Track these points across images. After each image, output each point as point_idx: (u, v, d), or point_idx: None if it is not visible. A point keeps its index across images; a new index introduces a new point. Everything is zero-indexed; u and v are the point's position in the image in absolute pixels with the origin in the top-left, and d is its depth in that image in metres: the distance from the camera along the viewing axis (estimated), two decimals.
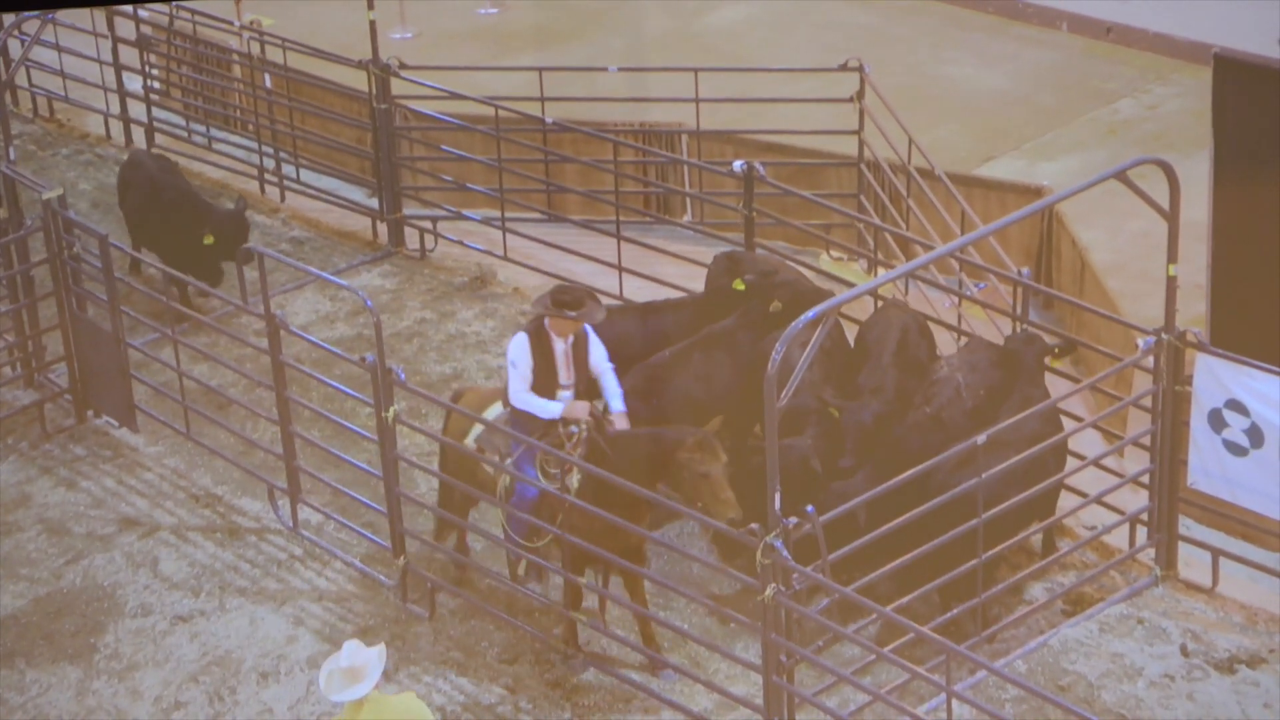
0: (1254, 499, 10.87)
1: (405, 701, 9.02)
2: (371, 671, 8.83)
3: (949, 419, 11.42)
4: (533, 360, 10.83)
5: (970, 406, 11.50)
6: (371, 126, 15.67)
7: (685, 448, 10.40)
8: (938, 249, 11.28)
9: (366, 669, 8.83)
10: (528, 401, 10.84)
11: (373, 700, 8.87)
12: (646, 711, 10.71)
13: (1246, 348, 11.03)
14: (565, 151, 15.46)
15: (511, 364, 10.84)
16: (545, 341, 10.89)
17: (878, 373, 11.86)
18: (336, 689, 8.85)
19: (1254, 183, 12.00)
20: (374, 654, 8.89)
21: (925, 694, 10.46)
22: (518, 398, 10.85)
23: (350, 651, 8.88)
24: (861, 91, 14.53)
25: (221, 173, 17.14)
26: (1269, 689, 10.52)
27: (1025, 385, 11.44)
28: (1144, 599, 11.32)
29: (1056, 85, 16.97)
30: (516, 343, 10.88)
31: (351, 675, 8.83)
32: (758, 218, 14.05)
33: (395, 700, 9.03)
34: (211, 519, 12.62)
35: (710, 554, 11.64)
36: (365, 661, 8.84)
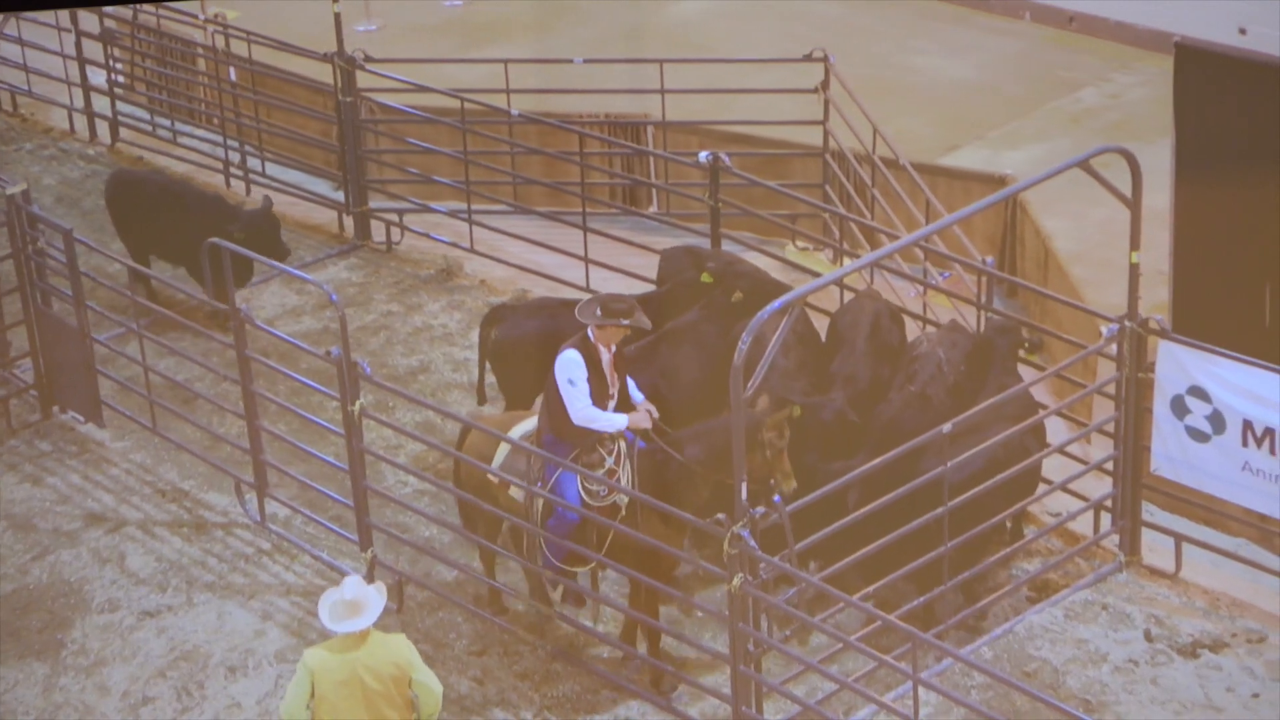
0: (1216, 484, 10.95)
1: (400, 641, 9.20)
2: (374, 605, 9.04)
3: (934, 395, 11.45)
4: (588, 374, 10.54)
5: (952, 382, 11.52)
6: (337, 119, 15.65)
7: (766, 428, 10.29)
8: (903, 238, 11.34)
9: (369, 603, 9.04)
10: (593, 418, 10.46)
11: (373, 635, 9.06)
12: (615, 702, 10.74)
13: (1209, 334, 11.11)
14: (531, 143, 15.48)
15: (569, 383, 10.42)
16: (594, 353, 10.55)
17: (851, 360, 11.89)
18: (340, 620, 9.02)
19: (1215, 170, 12.08)
20: (374, 590, 9.11)
21: (892, 682, 10.51)
22: (582, 415, 10.45)
23: (353, 584, 9.10)
24: (826, 82, 14.58)
25: (186, 167, 17.09)
26: (1232, 673, 10.60)
27: (999, 374, 11.50)
28: (1108, 585, 11.39)
29: (1020, 75, 17.03)
30: (571, 361, 10.47)
31: (354, 608, 9.02)
32: (723, 208, 14.09)
33: (391, 639, 9.19)
34: (178, 514, 12.61)
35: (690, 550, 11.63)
36: (367, 595, 9.05)
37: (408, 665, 9.09)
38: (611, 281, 14.10)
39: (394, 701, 9.07)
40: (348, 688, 8.98)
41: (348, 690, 8.99)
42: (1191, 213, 12.22)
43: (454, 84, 15.24)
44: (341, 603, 9.05)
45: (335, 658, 9.02)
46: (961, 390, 11.50)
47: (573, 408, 10.47)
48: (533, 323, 12.42)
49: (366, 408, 11.35)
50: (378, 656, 9.03)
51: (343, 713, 9.00)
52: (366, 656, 9.01)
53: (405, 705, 9.11)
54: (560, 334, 12.17)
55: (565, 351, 10.54)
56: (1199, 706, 10.36)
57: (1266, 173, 11.85)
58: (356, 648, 9.03)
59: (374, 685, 9.00)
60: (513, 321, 12.49)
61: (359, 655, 9.00)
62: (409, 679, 9.08)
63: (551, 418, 10.63)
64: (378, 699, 9.03)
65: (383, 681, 9.02)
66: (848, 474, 10.54)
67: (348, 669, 8.99)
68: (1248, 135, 11.88)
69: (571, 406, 10.47)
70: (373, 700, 9.02)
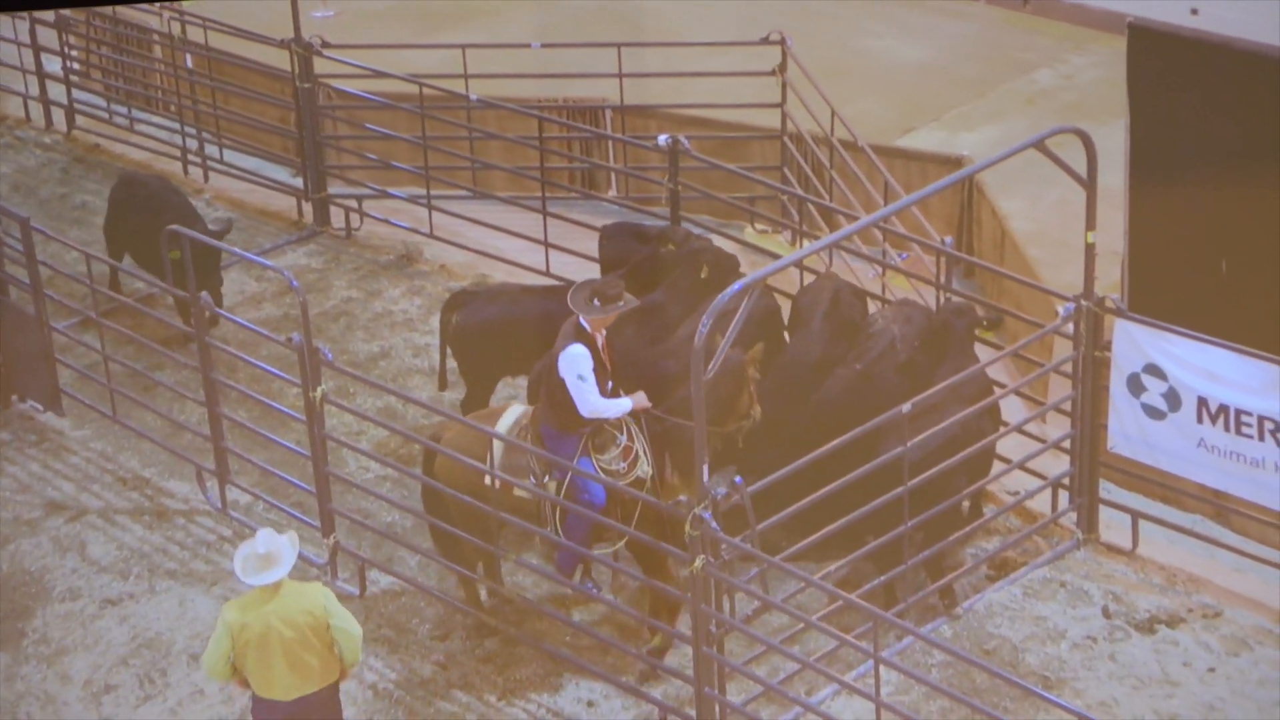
0: (1172, 461, 11.04)
1: (314, 589, 9.40)
2: (286, 557, 9.24)
3: (879, 373, 11.50)
4: (594, 365, 10.48)
5: (904, 359, 11.58)
6: (295, 106, 15.62)
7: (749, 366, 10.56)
8: (861, 220, 11.40)
9: (282, 555, 9.24)
10: (603, 409, 10.45)
11: (287, 585, 9.26)
12: (578, 684, 10.78)
13: (1164, 313, 11.18)
14: (490, 128, 15.48)
15: (579, 379, 10.37)
16: (594, 343, 10.53)
17: (806, 339, 11.94)
18: (253, 573, 9.21)
19: (1169, 150, 12.16)
20: (286, 542, 9.30)
21: (854, 661, 10.58)
22: (591, 408, 10.42)
23: (265, 537, 9.28)
24: (784, 65, 14.61)
25: (144, 154, 17.04)
26: (1188, 648, 10.71)
27: (957, 355, 11.57)
28: (1066, 562, 11.49)
29: (976, 56, 17.11)
30: (580, 356, 10.40)
31: (266, 560, 9.23)
32: (683, 191, 14.12)
33: (307, 587, 9.39)
34: (139, 501, 12.59)
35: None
36: (279, 547, 9.25)
37: (323, 612, 9.29)
38: (572, 265, 14.12)
39: (313, 648, 9.29)
40: (264, 639, 9.22)
41: (264, 642, 9.23)
42: (1146, 192, 12.29)
43: (412, 69, 15.22)
44: (254, 556, 9.25)
45: (251, 612, 9.25)
46: (916, 368, 11.56)
47: (583, 402, 10.45)
48: (493, 308, 12.43)
49: (328, 394, 11.35)
50: (290, 606, 9.25)
51: (263, 665, 9.25)
52: (279, 608, 9.23)
53: (326, 650, 9.34)
54: (521, 319, 12.20)
55: (571, 347, 10.46)
56: (1156, 681, 10.47)
57: (1220, 153, 11.94)
58: (270, 600, 9.24)
59: (289, 634, 9.23)
60: (473, 307, 12.50)
61: (272, 607, 9.23)
62: (327, 625, 9.28)
63: (556, 412, 10.57)
64: (295, 647, 9.25)
65: (298, 629, 9.24)
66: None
67: (263, 621, 9.22)
68: (1201, 115, 11.95)
69: (582, 401, 10.45)
70: (290, 649, 9.25)
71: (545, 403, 10.67)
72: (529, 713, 10.62)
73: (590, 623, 11.12)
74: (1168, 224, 12.21)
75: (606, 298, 10.51)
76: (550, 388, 10.60)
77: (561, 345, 10.54)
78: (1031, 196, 14.33)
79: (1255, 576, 11.20)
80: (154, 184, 14.89)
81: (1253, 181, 11.83)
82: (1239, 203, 11.93)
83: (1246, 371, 10.52)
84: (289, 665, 9.27)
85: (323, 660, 9.34)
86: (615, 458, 10.62)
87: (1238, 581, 11.22)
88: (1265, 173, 11.76)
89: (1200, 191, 12.09)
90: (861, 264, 13.63)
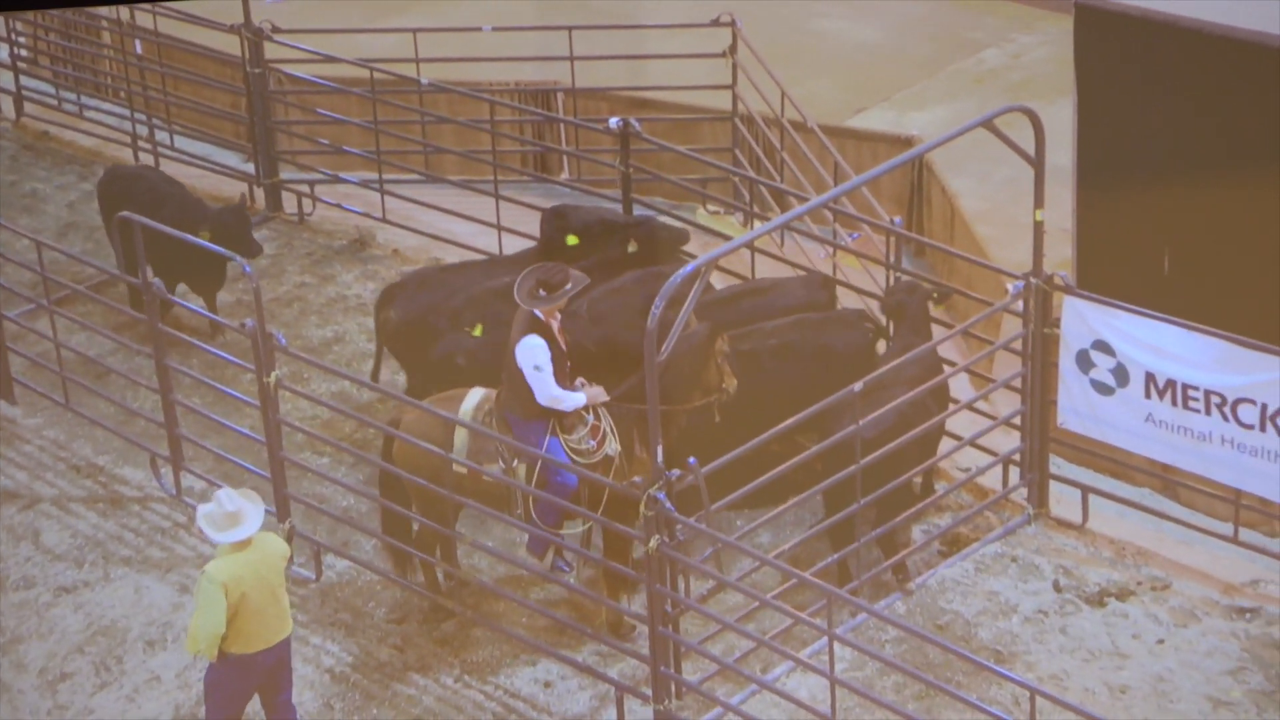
0: (1121, 436, 11.14)
1: (273, 537, 9.73)
2: (254, 513, 9.47)
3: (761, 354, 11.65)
4: (550, 354, 10.56)
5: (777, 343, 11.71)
6: (245, 91, 15.57)
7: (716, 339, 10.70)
8: (812, 200, 11.44)
9: (247, 511, 9.46)
10: (559, 398, 10.53)
11: (255, 539, 9.51)
12: (534, 665, 10.83)
13: (1111, 289, 11.29)
14: (441, 112, 15.47)
15: (536, 369, 10.45)
16: (548, 330, 10.59)
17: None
18: (224, 530, 9.44)
19: (1116, 128, 12.27)
20: (248, 499, 9.52)
21: (809, 638, 10.66)
22: (548, 397, 10.50)
23: (228, 496, 9.48)
24: (734, 46, 14.65)
25: (94, 141, 16.96)
26: (1137, 620, 10.82)
27: (908, 334, 11.64)
28: (1018, 537, 11.59)
29: (924, 36, 17.18)
30: (535, 347, 10.47)
31: (234, 518, 9.43)
32: (634, 173, 14.16)
33: (269, 538, 9.67)
34: (93, 489, 12.56)
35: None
36: (244, 504, 9.47)
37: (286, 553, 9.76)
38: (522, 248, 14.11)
39: (287, 590, 9.74)
40: (258, 588, 9.48)
41: (259, 590, 9.48)
42: (1093, 170, 12.42)
43: (363, 54, 15.20)
44: (222, 515, 9.43)
45: (239, 568, 9.45)
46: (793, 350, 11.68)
47: (540, 392, 10.54)
48: (425, 297, 12.50)
49: (282, 379, 11.35)
50: (268, 552, 9.57)
51: (258, 616, 9.50)
52: (261, 556, 9.53)
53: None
54: (453, 302, 12.27)
55: (526, 338, 10.51)
56: (1106, 654, 10.58)
57: (1167, 130, 12.06)
58: (249, 551, 9.49)
59: (275, 580, 9.57)
60: (405, 300, 12.53)
61: (255, 557, 9.49)
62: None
63: (518, 401, 10.64)
64: (280, 591, 9.61)
65: (279, 574, 9.60)
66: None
67: (253, 573, 9.47)
68: (1148, 93, 12.07)
69: (540, 391, 10.53)
70: (278, 595, 9.59)
71: (507, 390, 10.72)
72: (486, 694, 10.67)
73: (546, 604, 11.16)
74: (1115, 201, 12.34)
75: (551, 285, 10.56)
76: (510, 375, 10.66)
77: (517, 336, 10.58)
78: (981, 175, 14.43)
79: (1202, 549, 11.34)
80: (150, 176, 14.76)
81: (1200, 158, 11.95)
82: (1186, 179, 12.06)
83: (1193, 347, 10.62)
84: (272, 614, 9.56)
85: (286, 609, 9.73)
86: (584, 437, 10.69)
87: (1185, 554, 11.34)
88: (1212, 149, 11.89)
89: (1147, 169, 12.22)
90: (812, 244, 13.69)
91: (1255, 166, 11.67)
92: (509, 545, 11.63)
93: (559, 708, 10.55)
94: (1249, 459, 10.56)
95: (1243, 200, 11.71)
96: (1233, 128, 11.73)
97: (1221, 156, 11.85)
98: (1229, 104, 11.69)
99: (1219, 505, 11.38)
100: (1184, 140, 11.98)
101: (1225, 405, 10.57)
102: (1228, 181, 11.80)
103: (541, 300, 10.55)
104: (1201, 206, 11.95)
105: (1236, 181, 11.76)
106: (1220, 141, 11.85)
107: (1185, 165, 12.04)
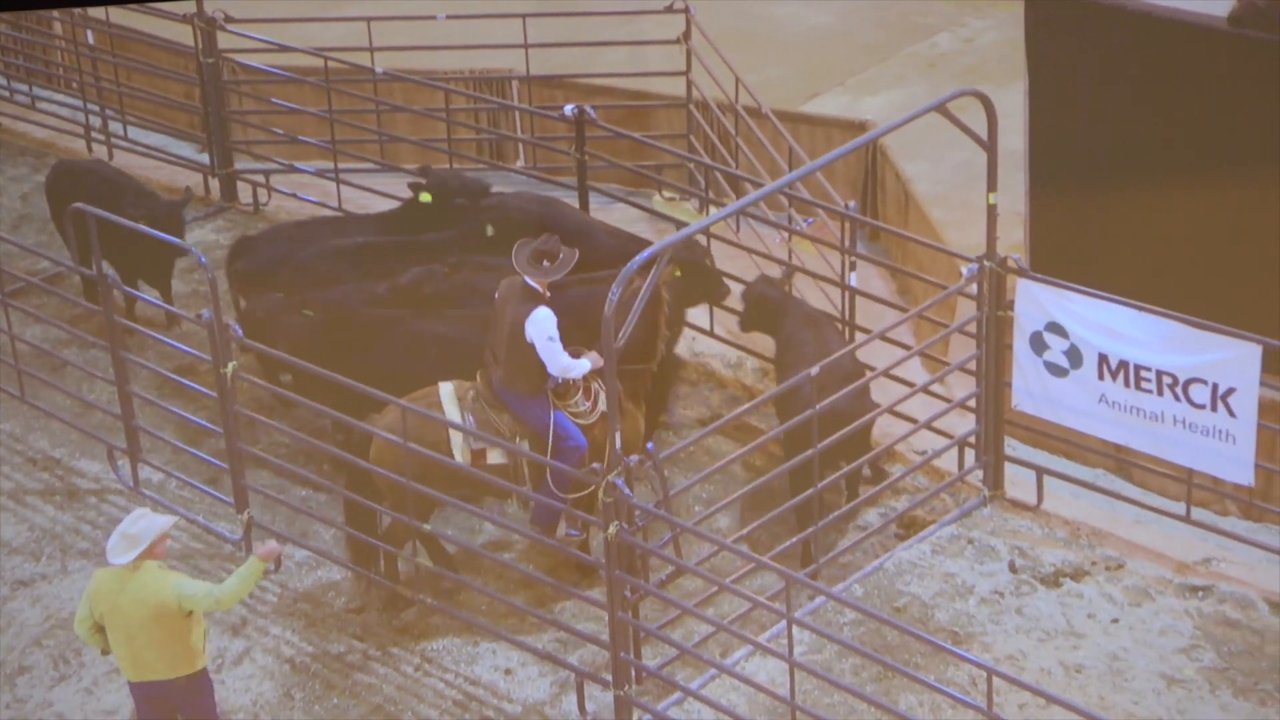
0: (1075, 417, 11.21)
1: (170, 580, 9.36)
2: (144, 540, 9.24)
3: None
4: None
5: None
6: (199, 81, 15.52)
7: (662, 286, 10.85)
8: (767, 186, 11.47)
9: (143, 537, 9.26)
10: (570, 367, 10.71)
11: (149, 570, 9.30)
12: (495, 653, 10.86)
13: (1064, 272, 11.36)
14: (396, 101, 15.46)
15: (549, 340, 10.56)
16: (550, 301, 10.74)
17: None
18: (115, 552, 9.29)
19: (1068, 111, 12.34)
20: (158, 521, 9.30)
21: (768, 622, 10.72)
22: (560, 367, 10.65)
23: (136, 518, 9.35)
24: (688, 32, 14.68)
25: (47, 133, 16.87)
26: (1092, 600, 10.91)
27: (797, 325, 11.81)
28: (973, 519, 11.66)
29: (877, 21, 17.23)
30: (544, 318, 10.59)
31: (132, 541, 9.26)
32: (590, 161, 14.19)
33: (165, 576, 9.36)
34: (50, 482, 12.52)
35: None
36: (144, 529, 9.28)
37: (173, 596, 9.28)
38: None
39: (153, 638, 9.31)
40: (111, 616, 9.33)
41: (111, 619, 9.33)
42: (1045, 154, 12.49)
43: (317, 43, 15.16)
44: (123, 536, 9.29)
45: (107, 584, 9.35)
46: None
47: (554, 362, 10.68)
48: (273, 250, 12.84)
49: (238, 369, 11.33)
50: (145, 588, 9.27)
51: (119, 642, 9.39)
52: (133, 587, 9.28)
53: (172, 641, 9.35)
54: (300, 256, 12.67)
55: (536, 311, 10.62)
56: (1062, 633, 10.66)
57: (1117, 112, 12.14)
58: (128, 579, 9.29)
59: (133, 616, 9.29)
60: (254, 252, 12.92)
61: (127, 586, 9.28)
62: (178, 613, 9.30)
63: (522, 375, 10.72)
64: (137, 630, 9.30)
65: (141, 614, 9.27)
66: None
67: (110, 600, 9.31)
68: (1099, 76, 12.15)
69: (553, 361, 10.67)
70: (132, 632, 9.31)
71: (508, 369, 10.74)
72: (446, 682, 10.69)
73: (505, 591, 11.19)
74: (1067, 184, 12.42)
75: (553, 256, 10.70)
76: (513, 353, 10.72)
77: (522, 311, 10.66)
78: (934, 159, 14.49)
79: (1156, 528, 11.43)
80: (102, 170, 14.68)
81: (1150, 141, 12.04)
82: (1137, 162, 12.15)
83: (1145, 328, 10.70)
84: (132, 647, 9.32)
85: (165, 651, 9.34)
86: (579, 400, 10.89)
87: (1139, 533, 11.44)
88: (1163, 132, 11.98)
89: (1099, 151, 12.30)
90: (767, 230, 13.74)
91: (1205, 148, 11.77)
92: (468, 533, 11.66)
93: (519, 695, 10.58)
94: (1201, 439, 10.65)
95: (1193, 182, 11.80)
96: (1183, 110, 11.82)
97: (1172, 139, 11.94)
98: (1179, 87, 11.78)
99: (1171, 485, 11.48)
100: (1134, 123, 12.07)
101: (1177, 385, 10.66)
102: (1179, 164, 11.89)
103: (544, 271, 10.66)
104: (1152, 189, 12.04)
105: (1187, 163, 11.85)
106: (1171, 124, 11.93)
107: (1136, 148, 12.13)
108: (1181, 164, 11.85)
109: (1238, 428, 10.50)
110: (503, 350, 10.79)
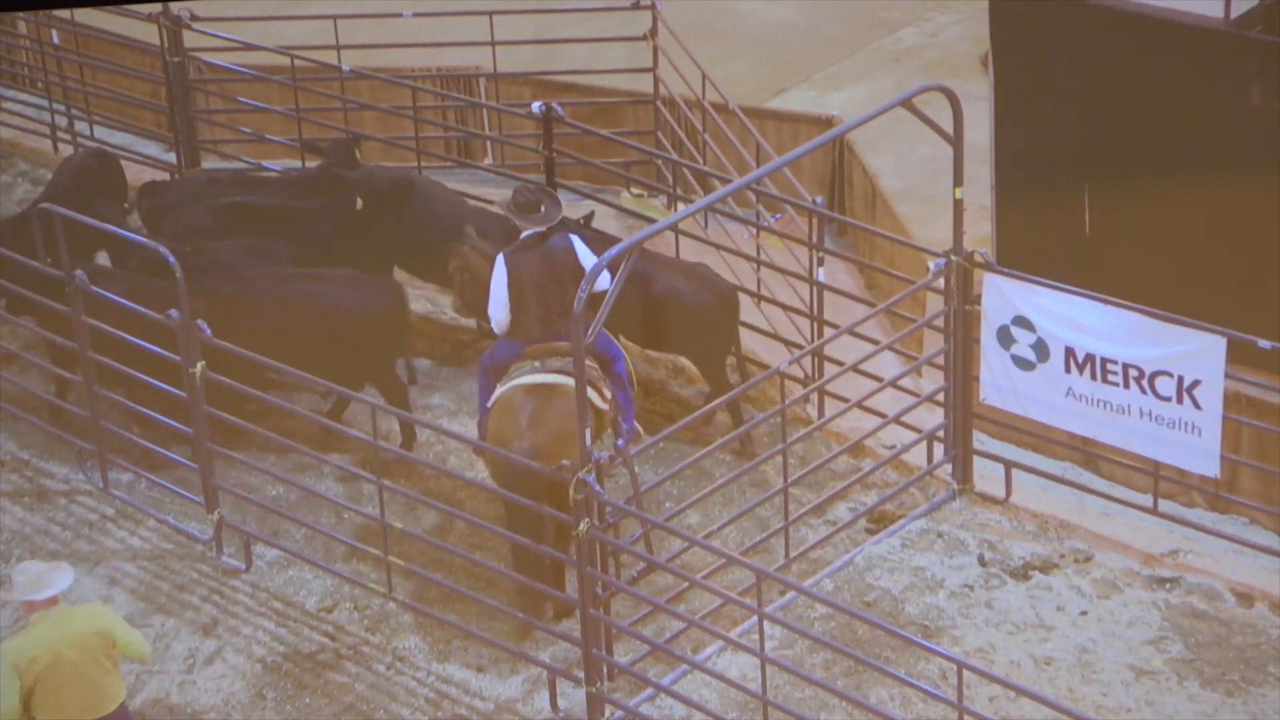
0: (1042, 410, 11.26)
1: (96, 609, 9.48)
2: (60, 578, 9.20)
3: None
4: None
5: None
6: (165, 80, 15.48)
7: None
8: (734, 182, 11.50)
9: (53, 576, 9.20)
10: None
11: (65, 612, 9.23)
12: (467, 651, 10.87)
13: (1031, 265, 11.41)
14: (363, 99, 15.43)
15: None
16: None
17: None
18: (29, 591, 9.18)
19: (1032, 105, 12.41)
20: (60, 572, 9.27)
21: (739, 617, 10.75)
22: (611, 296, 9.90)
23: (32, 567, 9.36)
24: (655, 29, 14.69)
25: (12, 132, 16.80)
26: (1061, 592, 10.98)
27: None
28: (943, 513, 11.71)
29: (842, 16, 17.27)
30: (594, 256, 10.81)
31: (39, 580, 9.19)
32: (558, 158, 14.19)
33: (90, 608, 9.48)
34: (18, 483, 12.49)
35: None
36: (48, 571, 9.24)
37: (109, 630, 9.26)
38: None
39: (103, 666, 9.25)
40: (54, 668, 9.10)
41: (55, 671, 9.10)
42: (1011, 147, 12.55)
43: (283, 41, 15.13)
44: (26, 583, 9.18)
45: (35, 644, 9.12)
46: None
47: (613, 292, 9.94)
48: (177, 194, 13.45)
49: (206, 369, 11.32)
50: (76, 629, 9.17)
51: (54, 695, 9.12)
52: (65, 632, 9.14)
53: (115, 669, 9.32)
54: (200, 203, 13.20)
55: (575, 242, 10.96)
56: (1031, 626, 10.73)
57: (1082, 107, 12.20)
58: (54, 628, 9.15)
59: (78, 657, 9.14)
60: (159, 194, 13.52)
61: (57, 634, 9.13)
62: (114, 642, 9.27)
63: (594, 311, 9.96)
64: (87, 670, 9.18)
65: (87, 651, 9.17)
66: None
67: (50, 651, 9.09)
68: (1063, 70, 12.21)
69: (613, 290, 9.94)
70: (81, 673, 9.17)
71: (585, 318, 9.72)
72: (418, 680, 10.70)
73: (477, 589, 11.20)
74: (1033, 178, 12.48)
75: (535, 206, 11.03)
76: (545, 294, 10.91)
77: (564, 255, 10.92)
78: (900, 154, 14.54)
79: (1123, 520, 11.50)
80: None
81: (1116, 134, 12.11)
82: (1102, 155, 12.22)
83: (1110, 321, 10.75)
84: (82, 689, 9.18)
85: (112, 680, 9.30)
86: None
87: (1106, 526, 11.50)
88: (1128, 125, 12.04)
89: (1065, 145, 12.36)
90: (736, 226, 13.78)
91: (1170, 143, 11.83)
92: (438, 532, 11.68)
93: (491, 692, 10.60)
94: (1167, 431, 10.71)
95: (1158, 176, 11.87)
96: (1148, 104, 11.89)
97: (1138, 133, 12.01)
98: (1144, 81, 11.85)
99: (1138, 477, 11.56)
100: (1100, 118, 12.14)
101: (1143, 378, 10.72)
102: (1145, 158, 11.96)
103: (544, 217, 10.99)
104: (1118, 183, 12.11)
105: (1153, 158, 11.92)
106: (1136, 118, 12.00)
107: (1102, 142, 12.19)
108: (1147, 158, 11.92)
109: (1203, 420, 10.56)
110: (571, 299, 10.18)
